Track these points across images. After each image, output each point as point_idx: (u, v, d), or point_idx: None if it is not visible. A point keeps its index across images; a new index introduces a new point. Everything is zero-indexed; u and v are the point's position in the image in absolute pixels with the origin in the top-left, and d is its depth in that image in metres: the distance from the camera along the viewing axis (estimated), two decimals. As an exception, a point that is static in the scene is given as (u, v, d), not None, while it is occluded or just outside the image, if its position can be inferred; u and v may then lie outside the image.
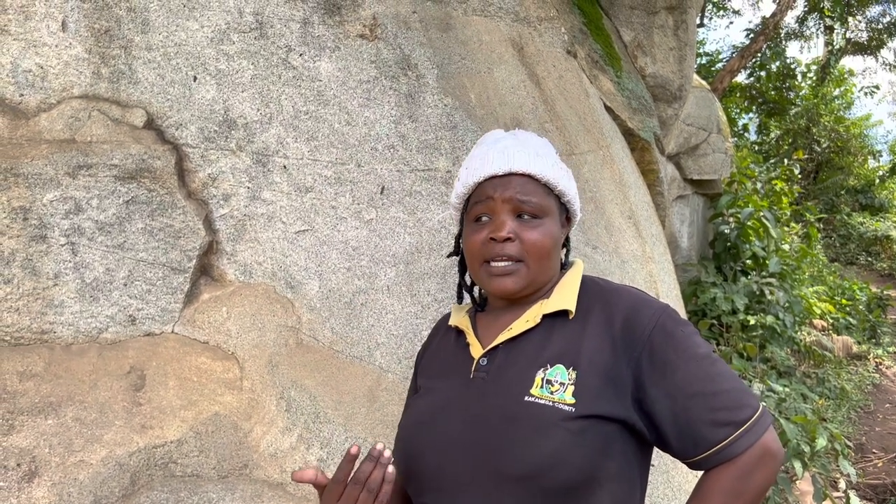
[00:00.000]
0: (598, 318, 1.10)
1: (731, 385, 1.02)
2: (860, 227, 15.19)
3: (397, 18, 2.01)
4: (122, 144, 1.69)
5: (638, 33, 3.52)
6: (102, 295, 1.68)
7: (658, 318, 1.07)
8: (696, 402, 1.01)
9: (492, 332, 1.18)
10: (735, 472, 1.00)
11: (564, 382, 1.04)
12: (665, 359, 1.03)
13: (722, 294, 6.00)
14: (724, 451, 1.00)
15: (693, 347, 1.05)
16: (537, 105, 2.26)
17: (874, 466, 5.16)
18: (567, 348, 1.08)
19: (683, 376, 1.02)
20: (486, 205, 1.15)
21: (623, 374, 1.04)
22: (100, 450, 1.57)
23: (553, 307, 1.13)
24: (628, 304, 1.10)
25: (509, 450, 1.01)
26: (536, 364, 1.08)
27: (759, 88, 16.11)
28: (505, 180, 1.15)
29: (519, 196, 1.13)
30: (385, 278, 1.83)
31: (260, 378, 1.71)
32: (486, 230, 1.14)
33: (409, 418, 1.19)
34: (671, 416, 1.02)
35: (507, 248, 1.11)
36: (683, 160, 6.47)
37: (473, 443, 1.05)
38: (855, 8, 14.41)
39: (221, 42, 1.81)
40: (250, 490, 1.60)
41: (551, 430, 1.00)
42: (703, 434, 1.00)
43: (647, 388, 1.03)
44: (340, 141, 1.86)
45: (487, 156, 1.18)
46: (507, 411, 1.04)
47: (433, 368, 1.26)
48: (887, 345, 8.71)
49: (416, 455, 1.12)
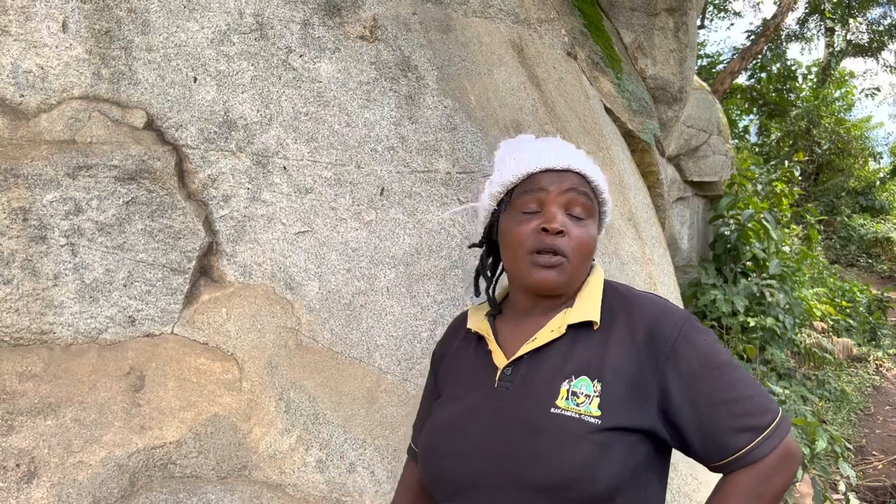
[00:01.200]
0: (621, 328, 1.11)
1: (752, 391, 1.05)
2: (861, 228, 15.19)
3: (397, 20, 2.01)
4: (122, 145, 1.69)
5: (638, 35, 3.52)
6: (102, 296, 1.68)
7: (681, 328, 1.08)
8: (720, 410, 1.03)
9: (514, 340, 1.18)
10: (757, 475, 1.02)
11: (590, 394, 1.05)
12: (689, 369, 1.05)
13: (722, 296, 6.00)
14: (748, 456, 1.02)
15: (715, 356, 1.06)
16: (537, 107, 2.26)
17: (874, 469, 5.16)
18: (591, 359, 1.09)
19: (707, 385, 1.04)
20: (537, 196, 1.14)
21: (648, 383, 1.06)
22: (99, 450, 1.57)
23: (577, 318, 1.13)
24: (651, 313, 1.11)
25: (535, 461, 1.02)
26: (561, 375, 1.08)
27: (759, 90, 16.11)
28: (561, 175, 1.15)
29: (573, 193, 1.14)
30: (385, 280, 1.83)
31: (259, 379, 1.71)
32: (535, 221, 1.13)
33: (434, 425, 1.19)
34: (696, 424, 1.04)
35: (557, 240, 1.11)
36: (684, 162, 6.47)
37: (498, 452, 1.06)
38: (856, 10, 14.41)
39: (222, 43, 1.81)
40: (249, 491, 1.60)
41: (578, 443, 1.01)
42: (726, 440, 1.02)
43: (673, 398, 1.05)
44: (340, 142, 1.86)
45: (541, 149, 1.18)
46: (533, 423, 1.05)
47: (454, 373, 1.25)
48: (888, 347, 8.71)
49: (440, 461, 1.13)
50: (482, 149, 2.00)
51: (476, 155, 1.98)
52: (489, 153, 2.00)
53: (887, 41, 14.68)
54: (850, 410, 6.29)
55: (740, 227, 6.74)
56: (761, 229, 6.81)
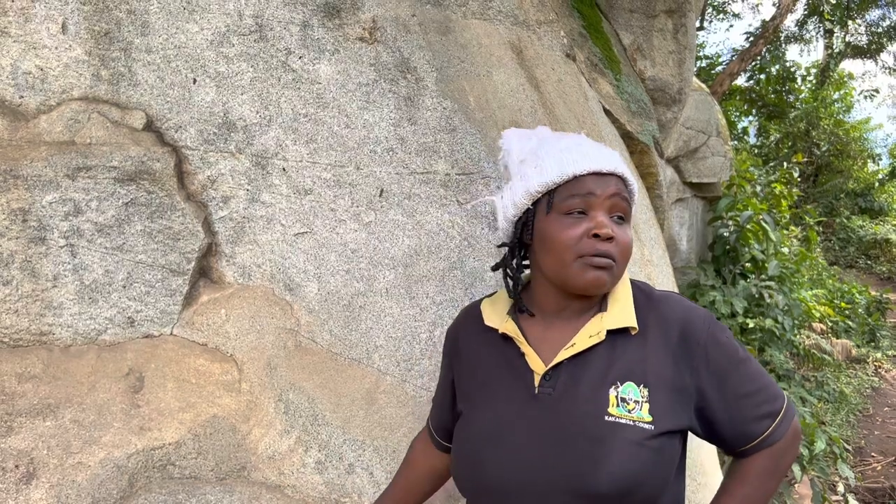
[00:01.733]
0: (655, 331, 1.15)
1: (765, 381, 1.15)
2: (859, 230, 15.21)
3: (397, 21, 2.01)
4: (122, 146, 1.69)
5: (637, 37, 3.52)
6: (101, 297, 1.68)
7: (709, 328, 1.14)
8: (746, 402, 1.12)
9: (548, 344, 1.18)
10: (772, 455, 1.13)
11: (639, 400, 1.09)
12: (719, 367, 1.12)
13: (721, 297, 6.01)
14: (769, 439, 1.13)
15: (736, 352, 1.15)
16: (536, 108, 2.27)
17: (873, 470, 5.16)
18: (634, 365, 1.12)
19: (735, 381, 1.12)
20: (585, 200, 1.13)
21: (686, 384, 1.12)
22: (98, 452, 1.57)
23: (617, 323, 1.15)
24: (680, 314, 1.15)
25: (599, 469, 1.04)
26: (607, 382, 1.11)
27: (758, 92, 16.13)
28: (606, 179, 1.15)
29: (618, 198, 1.15)
30: (384, 281, 1.83)
31: (258, 380, 1.71)
32: (584, 225, 1.12)
33: (472, 431, 1.19)
34: (727, 416, 1.12)
35: (608, 246, 1.12)
36: (683, 163, 6.48)
37: (556, 460, 1.07)
38: (855, 11, 14.43)
39: (221, 45, 1.81)
40: (248, 492, 1.60)
41: (637, 451, 1.05)
42: (751, 428, 1.13)
43: (708, 396, 1.12)
44: (339, 143, 1.87)
45: (586, 150, 1.16)
46: (591, 432, 1.07)
47: (481, 374, 1.24)
48: (886, 348, 8.72)
49: (483, 469, 1.13)
50: (481, 150, 2.00)
51: (475, 156, 1.99)
52: (488, 155, 2.00)
53: (886, 43, 14.70)
54: (848, 412, 6.29)
55: (739, 228, 6.74)
56: (760, 231, 6.82)
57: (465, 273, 1.90)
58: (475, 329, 1.30)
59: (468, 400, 1.25)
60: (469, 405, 1.24)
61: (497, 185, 1.99)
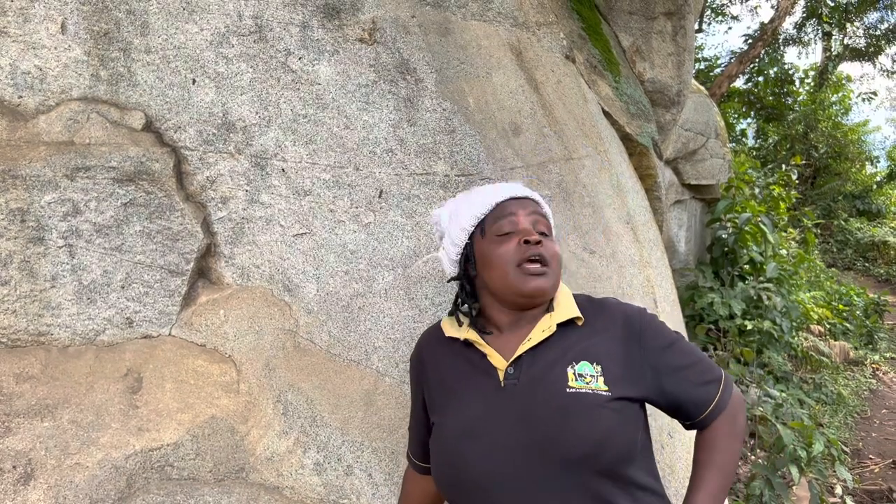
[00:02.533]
0: (601, 322, 1.30)
1: (700, 355, 1.32)
2: (857, 232, 15.22)
3: (396, 23, 2.01)
4: (121, 147, 1.69)
5: (636, 38, 3.53)
6: (100, 297, 1.68)
7: (642, 316, 1.31)
8: (688, 372, 1.27)
9: (507, 345, 1.30)
10: (727, 420, 1.28)
11: (594, 374, 1.22)
12: (657, 345, 1.28)
13: (719, 299, 6.01)
14: (719, 404, 1.28)
15: (670, 333, 1.32)
16: (536, 110, 2.27)
17: (871, 472, 5.16)
18: (585, 347, 1.26)
19: (673, 355, 1.28)
20: (510, 220, 1.31)
21: (636, 358, 1.25)
22: (96, 452, 1.56)
23: (564, 316, 1.29)
24: (619, 309, 1.33)
25: (570, 434, 1.16)
26: (563, 363, 1.24)
27: (757, 94, 16.14)
28: (523, 201, 1.34)
29: (537, 215, 1.33)
30: (383, 282, 1.83)
31: (257, 381, 1.71)
32: (514, 239, 1.28)
33: (451, 431, 1.27)
34: (677, 388, 1.26)
35: (538, 249, 1.27)
36: (681, 165, 6.48)
37: (528, 441, 1.17)
38: (853, 14, 14.45)
39: (220, 45, 1.81)
40: (246, 493, 1.60)
41: (601, 412, 1.17)
42: (701, 394, 1.27)
43: (659, 371, 1.25)
44: (339, 144, 1.87)
45: (498, 185, 1.38)
46: (556, 404, 1.19)
47: (449, 380, 1.34)
48: (884, 350, 8.72)
49: (467, 464, 1.21)
50: (480, 151, 2.00)
51: (474, 157, 1.98)
52: (487, 156, 2.00)
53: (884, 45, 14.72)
54: (846, 414, 6.30)
55: (738, 230, 6.74)
56: (758, 233, 6.82)
57: (464, 274, 1.89)
58: (437, 344, 1.41)
59: (440, 407, 1.34)
60: (441, 412, 1.33)
61: None
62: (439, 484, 1.29)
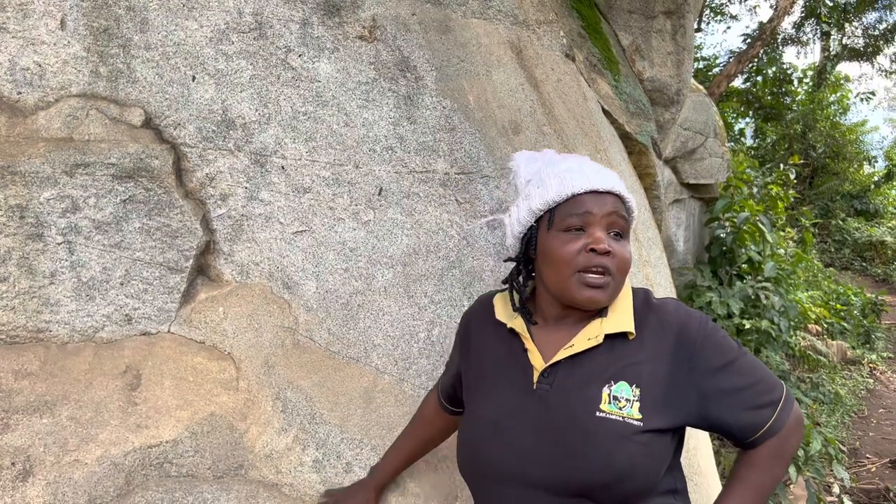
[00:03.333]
0: (652, 336, 1.20)
1: (762, 372, 1.20)
2: (855, 232, 15.25)
3: (396, 20, 2.01)
4: (120, 143, 1.68)
5: (636, 37, 3.53)
6: (99, 294, 1.68)
7: (702, 329, 1.19)
8: (745, 394, 1.17)
9: (550, 344, 1.25)
10: (778, 441, 1.18)
11: (630, 399, 1.15)
12: (715, 364, 1.17)
13: (717, 298, 6.02)
14: (773, 428, 1.18)
15: (731, 348, 1.20)
16: (535, 108, 2.27)
17: (868, 471, 5.18)
18: (628, 366, 1.18)
19: (732, 375, 1.17)
20: (583, 217, 1.20)
21: (682, 384, 1.16)
22: (95, 449, 1.56)
23: (615, 328, 1.21)
24: (676, 318, 1.21)
25: (587, 462, 1.11)
26: (601, 380, 1.17)
27: (755, 93, 16.16)
28: (603, 197, 1.21)
29: (615, 216, 1.22)
30: (382, 280, 1.83)
31: (256, 378, 1.71)
32: (581, 241, 1.19)
33: (477, 420, 1.27)
34: (730, 411, 1.17)
35: (604, 260, 1.18)
36: (680, 164, 6.49)
37: (548, 453, 1.14)
38: (851, 14, 14.47)
39: (220, 42, 1.81)
40: (245, 491, 1.60)
41: (625, 444, 1.11)
42: (754, 418, 1.17)
43: (708, 393, 1.16)
44: (339, 142, 1.86)
45: (586, 170, 1.24)
46: (582, 425, 1.14)
47: (488, 363, 1.32)
48: (881, 350, 8.74)
49: (484, 456, 1.23)
50: (480, 149, 2.00)
51: (474, 156, 1.98)
52: (487, 154, 2.00)
53: (882, 45, 14.74)
54: (844, 413, 6.31)
55: (736, 229, 6.75)
56: (757, 232, 6.83)
57: (464, 272, 1.89)
58: (487, 320, 1.37)
59: (473, 388, 1.34)
60: (474, 394, 1.33)
61: (496, 185, 1.99)
62: (460, 466, 1.30)
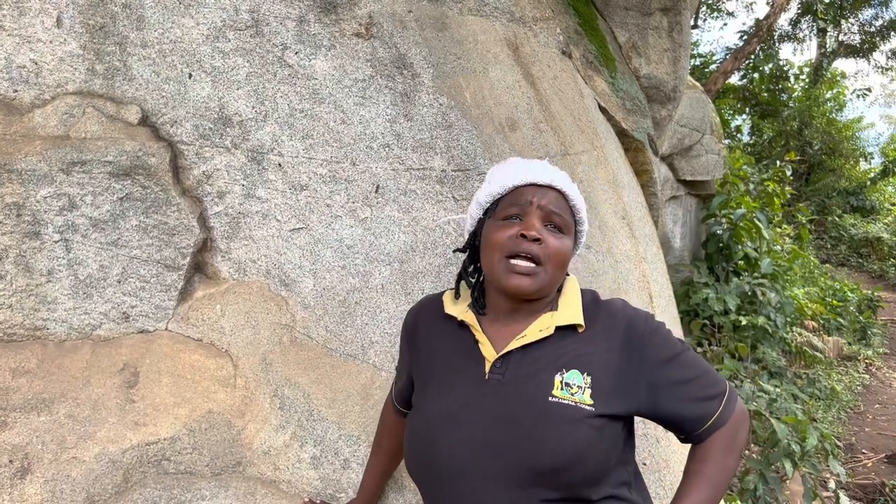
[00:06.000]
0: (601, 330, 1.24)
1: (705, 367, 1.25)
2: (851, 228, 15.28)
3: (393, 17, 2.01)
4: (117, 141, 1.68)
5: (632, 34, 3.53)
6: (96, 292, 1.68)
7: (648, 324, 1.24)
8: (691, 386, 1.22)
9: (501, 336, 1.26)
10: (726, 433, 1.22)
11: (581, 385, 1.17)
12: (661, 357, 1.22)
13: (714, 294, 6.03)
14: (720, 419, 1.22)
15: (676, 343, 1.25)
16: (532, 105, 2.27)
17: (864, 466, 5.20)
18: (579, 355, 1.21)
19: (677, 368, 1.22)
20: (521, 207, 1.24)
21: (632, 372, 1.20)
22: (93, 447, 1.56)
23: (565, 320, 1.24)
24: (623, 314, 1.26)
25: (542, 445, 1.13)
26: (553, 368, 1.19)
27: (752, 90, 16.16)
28: (543, 190, 1.25)
29: (553, 207, 1.24)
30: (379, 277, 1.83)
31: (253, 376, 1.71)
32: (515, 228, 1.22)
33: (427, 415, 1.26)
34: (678, 402, 1.21)
35: (533, 247, 1.20)
36: (677, 161, 6.50)
37: (503, 440, 1.15)
38: (847, 11, 14.48)
39: (217, 39, 1.81)
40: (243, 487, 1.60)
41: (579, 427, 1.14)
42: (702, 409, 1.22)
43: (657, 384, 1.20)
44: (335, 139, 1.86)
45: (529, 165, 1.28)
46: (535, 410, 1.16)
47: (438, 358, 1.32)
48: (877, 346, 8.77)
49: (436, 450, 1.20)
50: (477, 146, 2.00)
51: (471, 153, 1.99)
52: (484, 151, 2.01)
53: (879, 42, 14.76)
54: (840, 409, 6.33)
55: (732, 226, 6.77)
56: (753, 228, 6.84)
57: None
58: (435, 317, 1.37)
59: (424, 385, 1.33)
60: (424, 390, 1.32)
61: None
62: (408, 465, 1.28)
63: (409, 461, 1.28)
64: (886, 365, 8.23)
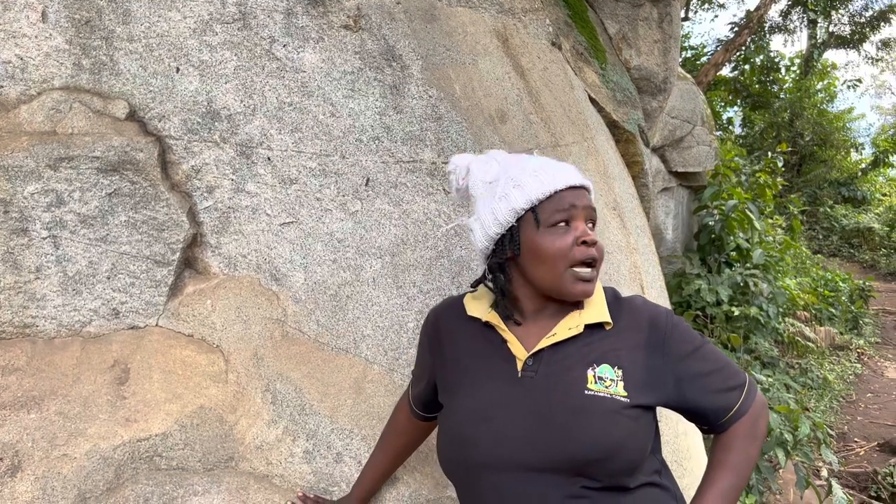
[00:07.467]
0: (626, 326, 1.28)
1: (725, 360, 1.30)
2: (843, 219, 15.36)
3: (381, 9, 2.00)
4: (104, 136, 1.67)
5: (623, 25, 3.52)
6: (85, 288, 1.67)
7: (669, 319, 1.29)
8: (712, 378, 1.26)
9: (529, 335, 1.29)
10: (748, 422, 1.27)
11: (614, 379, 1.21)
12: (683, 351, 1.26)
13: (706, 285, 6.05)
14: (741, 409, 1.27)
15: (696, 337, 1.30)
16: (522, 97, 2.26)
17: (856, 455, 5.24)
18: (608, 351, 1.25)
19: (698, 360, 1.26)
20: (568, 212, 1.25)
21: (659, 365, 1.24)
22: (84, 443, 1.56)
23: (594, 319, 1.28)
24: (646, 311, 1.30)
25: (583, 437, 1.16)
26: (584, 364, 1.23)
27: (743, 82, 16.20)
28: (580, 192, 1.28)
29: (590, 208, 1.29)
30: (371, 270, 1.83)
31: (245, 371, 1.71)
32: (570, 235, 1.24)
33: (462, 415, 1.28)
34: (700, 393, 1.26)
35: (593, 251, 1.25)
36: (668, 152, 6.51)
37: (541, 436, 1.18)
38: (838, 2, 14.52)
39: (204, 33, 1.79)
40: (236, 482, 1.60)
41: (617, 418, 1.17)
42: (725, 401, 1.26)
43: (681, 376, 1.25)
44: (325, 132, 1.86)
45: (557, 168, 1.30)
46: (572, 404, 1.19)
47: (465, 361, 1.34)
48: (869, 335, 8.83)
49: (474, 448, 1.23)
50: (467, 139, 2.00)
51: (461, 145, 1.98)
52: (474, 143, 2.00)
53: (868, 33, 14.82)
54: (832, 398, 6.38)
55: (724, 217, 6.79)
56: (745, 219, 6.87)
57: (452, 262, 1.90)
58: (457, 320, 1.39)
59: (453, 385, 1.34)
60: (454, 390, 1.34)
61: None
62: (444, 462, 1.31)
63: (445, 459, 1.31)
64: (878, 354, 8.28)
